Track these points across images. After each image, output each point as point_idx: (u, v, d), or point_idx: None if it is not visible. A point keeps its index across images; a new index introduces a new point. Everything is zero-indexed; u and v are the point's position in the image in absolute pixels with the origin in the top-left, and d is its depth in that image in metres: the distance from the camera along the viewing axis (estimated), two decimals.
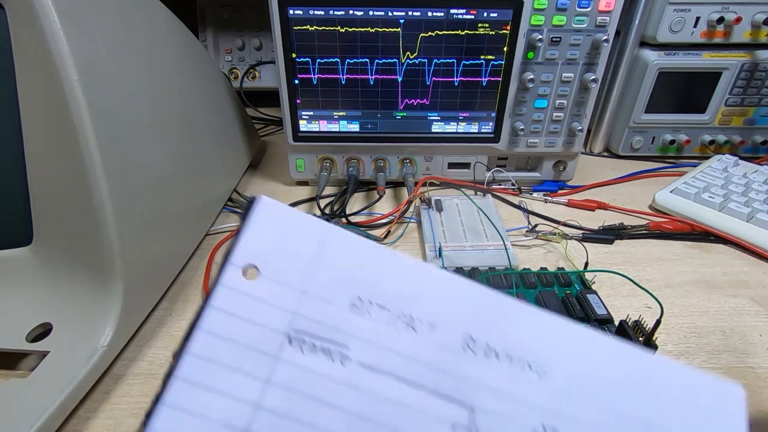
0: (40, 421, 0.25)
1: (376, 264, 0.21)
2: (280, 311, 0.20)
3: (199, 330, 0.19)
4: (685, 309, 0.39)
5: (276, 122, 0.74)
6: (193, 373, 0.18)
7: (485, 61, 0.49)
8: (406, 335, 0.20)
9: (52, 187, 0.31)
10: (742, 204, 0.49)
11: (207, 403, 0.18)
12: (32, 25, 0.28)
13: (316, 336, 0.20)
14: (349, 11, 0.46)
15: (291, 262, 0.20)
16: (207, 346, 0.19)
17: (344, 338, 0.20)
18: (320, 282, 0.20)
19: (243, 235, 0.20)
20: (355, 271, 0.21)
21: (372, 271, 0.21)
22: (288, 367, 0.19)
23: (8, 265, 0.32)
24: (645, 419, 0.20)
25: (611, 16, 0.47)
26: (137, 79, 0.36)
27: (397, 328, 0.21)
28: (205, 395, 0.18)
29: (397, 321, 0.21)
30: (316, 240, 0.21)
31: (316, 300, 0.20)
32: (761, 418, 0.30)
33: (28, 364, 0.32)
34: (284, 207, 0.21)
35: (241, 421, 0.18)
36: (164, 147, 0.38)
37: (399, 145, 0.54)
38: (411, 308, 0.21)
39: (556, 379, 0.21)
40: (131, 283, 0.32)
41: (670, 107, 0.61)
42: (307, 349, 0.19)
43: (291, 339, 0.20)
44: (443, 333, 0.21)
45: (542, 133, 0.53)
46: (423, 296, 0.21)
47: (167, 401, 0.18)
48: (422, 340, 0.20)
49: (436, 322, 0.21)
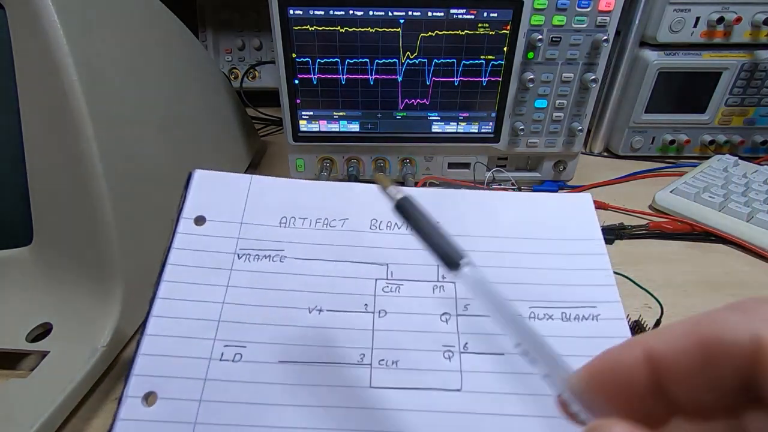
0: (40, 421, 0.25)
1: (292, 192, 0.30)
2: (226, 240, 0.28)
3: (167, 265, 0.27)
4: (685, 309, 0.38)
5: (276, 122, 0.74)
6: (169, 292, 0.26)
7: (485, 61, 0.49)
8: (326, 231, 0.29)
9: (52, 187, 0.31)
10: (742, 204, 0.49)
11: (185, 309, 0.26)
12: (32, 25, 0.28)
13: (257, 249, 0.28)
14: (349, 11, 0.46)
15: (228, 206, 0.29)
16: (174, 273, 0.27)
17: (279, 245, 0.28)
18: (252, 213, 0.29)
19: (188, 197, 0.29)
20: (276, 199, 0.29)
21: (290, 197, 0.30)
22: (241, 273, 0.27)
23: (8, 265, 0.32)
24: (519, 233, 0.29)
25: (611, 16, 0.47)
26: (137, 79, 0.36)
27: (317, 229, 0.29)
28: (181, 304, 0.26)
29: (317, 224, 0.29)
30: (244, 186, 0.30)
31: (252, 226, 0.29)
32: None
33: (28, 364, 0.32)
34: (214, 172, 0.30)
35: (214, 315, 0.26)
36: (164, 147, 0.38)
37: (399, 145, 0.54)
38: (324, 214, 0.29)
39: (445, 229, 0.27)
40: (131, 283, 0.32)
41: (670, 107, 0.61)
42: (252, 259, 0.28)
43: (240, 255, 0.28)
44: (353, 222, 0.29)
45: (542, 133, 0.53)
46: (329, 204, 0.30)
47: (153, 314, 0.25)
48: (338, 231, 0.29)
49: (345, 216, 0.29)
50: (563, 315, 0.27)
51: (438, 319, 0.27)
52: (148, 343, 0.25)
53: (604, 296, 0.28)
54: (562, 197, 0.32)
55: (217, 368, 0.24)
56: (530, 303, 0.27)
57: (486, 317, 0.25)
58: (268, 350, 0.25)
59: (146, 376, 0.24)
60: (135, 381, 0.24)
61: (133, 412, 0.23)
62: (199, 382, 0.24)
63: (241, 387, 0.24)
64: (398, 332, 0.26)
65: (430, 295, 0.27)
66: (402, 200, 0.20)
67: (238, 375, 0.24)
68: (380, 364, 0.25)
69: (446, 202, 0.30)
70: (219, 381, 0.24)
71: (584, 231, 0.30)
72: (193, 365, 0.24)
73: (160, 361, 0.24)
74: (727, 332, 0.12)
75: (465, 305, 0.27)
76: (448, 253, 0.19)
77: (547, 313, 0.27)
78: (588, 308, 0.27)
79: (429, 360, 0.25)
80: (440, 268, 0.27)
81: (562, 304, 0.27)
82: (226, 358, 0.25)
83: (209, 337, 0.25)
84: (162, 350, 0.24)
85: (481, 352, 0.25)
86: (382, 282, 0.28)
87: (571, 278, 0.28)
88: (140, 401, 0.23)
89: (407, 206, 0.20)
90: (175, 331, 0.25)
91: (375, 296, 0.27)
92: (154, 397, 0.23)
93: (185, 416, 0.23)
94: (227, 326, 0.26)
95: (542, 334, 0.17)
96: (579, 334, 0.26)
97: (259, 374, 0.24)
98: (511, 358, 0.25)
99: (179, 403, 0.23)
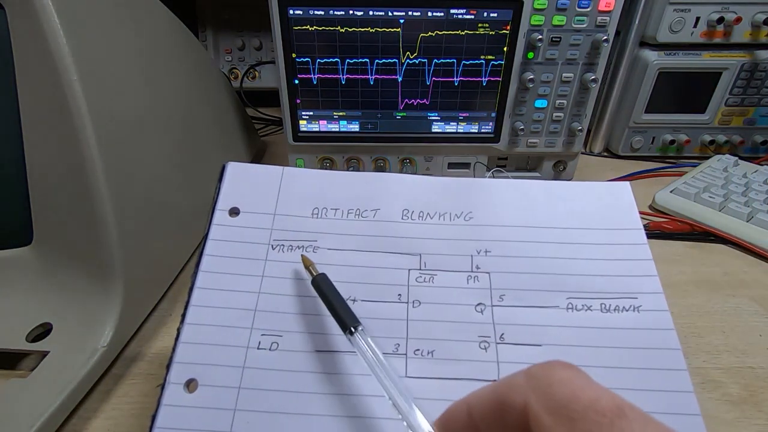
0: (40, 421, 0.25)
1: (324, 182, 0.30)
2: (260, 231, 0.29)
3: (204, 255, 0.27)
4: (685, 309, 0.38)
5: (276, 122, 0.74)
6: (206, 282, 0.27)
7: (485, 61, 0.49)
8: (357, 222, 0.29)
9: (52, 187, 0.31)
10: (742, 204, 0.49)
11: (222, 298, 0.26)
12: (32, 25, 0.28)
13: (291, 240, 0.28)
14: (349, 11, 0.46)
15: (261, 198, 0.29)
16: (210, 264, 0.27)
17: (312, 236, 0.29)
18: (285, 204, 0.29)
19: (222, 189, 0.29)
20: (308, 190, 0.30)
21: (321, 188, 0.30)
22: (275, 264, 0.28)
23: (8, 265, 0.32)
24: (557, 223, 0.29)
25: (611, 16, 0.47)
26: (137, 79, 0.36)
27: (349, 220, 0.29)
28: (219, 294, 0.26)
29: (349, 215, 0.29)
30: (276, 178, 0.30)
31: (285, 217, 0.29)
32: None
33: (28, 364, 0.32)
34: (247, 164, 0.30)
35: (251, 304, 0.26)
36: (164, 147, 0.38)
37: (399, 145, 0.54)
38: (356, 204, 0.30)
39: (478, 219, 0.29)
40: (131, 283, 0.32)
41: (670, 107, 0.61)
42: (286, 250, 0.28)
43: (273, 246, 0.28)
44: (384, 212, 0.29)
45: (542, 133, 0.53)
46: (360, 194, 0.30)
47: (192, 303, 0.26)
48: (370, 221, 0.29)
49: (377, 206, 0.30)
50: (602, 306, 0.26)
51: (473, 310, 0.26)
52: (188, 332, 0.25)
53: (646, 287, 0.27)
54: (599, 185, 0.31)
55: (255, 356, 0.25)
56: (568, 294, 0.27)
57: (522, 308, 0.26)
58: (304, 339, 0.25)
59: (187, 363, 0.24)
60: (176, 368, 0.24)
61: (175, 398, 0.23)
62: (237, 369, 0.24)
63: (278, 375, 0.24)
64: (433, 322, 0.26)
65: (464, 285, 0.27)
66: (318, 277, 0.25)
67: (275, 363, 0.25)
68: (416, 354, 0.25)
69: (478, 192, 0.30)
70: (257, 369, 0.24)
71: (623, 220, 0.29)
72: (232, 353, 0.25)
73: (200, 349, 0.25)
74: (510, 397, 0.15)
75: (500, 296, 0.27)
76: (345, 319, 0.23)
77: (585, 304, 0.26)
78: (629, 299, 0.26)
79: (465, 350, 0.25)
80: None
81: (601, 295, 0.26)
82: (263, 347, 0.25)
83: (246, 326, 0.26)
84: (201, 339, 0.25)
85: (518, 343, 0.25)
86: (416, 272, 0.28)
87: (610, 268, 0.27)
88: (182, 388, 0.24)
89: (321, 282, 0.25)
90: (213, 320, 0.26)
91: (408, 286, 0.27)
92: (195, 384, 0.24)
93: (225, 403, 0.23)
94: (264, 315, 0.26)
95: (411, 397, 0.19)
96: (619, 326, 0.25)
97: (296, 363, 0.25)
98: (548, 349, 0.25)
99: (219, 390, 0.24)
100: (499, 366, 0.25)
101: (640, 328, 0.25)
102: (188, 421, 0.23)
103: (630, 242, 0.28)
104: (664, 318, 0.26)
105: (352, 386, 0.24)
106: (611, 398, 0.13)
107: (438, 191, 0.30)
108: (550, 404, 0.14)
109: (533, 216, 0.29)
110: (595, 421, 0.13)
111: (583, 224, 0.29)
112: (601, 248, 0.28)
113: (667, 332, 0.25)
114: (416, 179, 0.31)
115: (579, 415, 0.13)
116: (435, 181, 0.31)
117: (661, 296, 0.26)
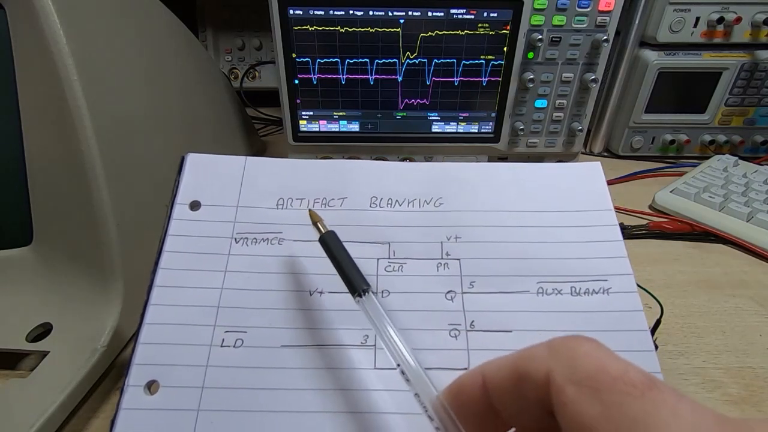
0: (40, 421, 0.25)
1: (288, 172, 0.29)
2: (222, 224, 0.27)
3: (163, 252, 0.26)
4: (685, 309, 0.38)
5: (276, 122, 0.74)
6: (166, 280, 0.26)
7: (485, 61, 0.49)
8: (324, 212, 0.27)
9: (52, 187, 0.31)
10: (742, 204, 0.49)
11: (183, 296, 0.25)
12: (32, 25, 0.28)
13: (255, 232, 0.27)
14: (349, 11, 0.46)
15: (223, 190, 0.28)
16: (170, 261, 0.26)
17: (277, 228, 0.27)
18: (248, 196, 0.28)
19: (181, 182, 0.28)
20: (272, 180, 0.29)
21: (286, 177, 0.29)
22: (239, 258, 0.27)
23: (8, 265, 0.32)
24: (527, 206, 0.28)
25: (611, 16, 0.47)
26: (137, 79, 0.36)
27: (316, 210, 0.27)
28: (179, 291, 0.25)
29: (315, 204, 0.28)
30: (239, 169, 0.29)
31: (248, 209, 0.28)
32: (761, 418, 0.30)
33: (28, 364, 0.32)
34: (208, 155, 0.29)
35: (213, 301, 0.25)
36: (164, 147, 0.38)
37: (399, 145, 0.54)
38: (322, 194, 0.28)
39: (448, 204, 0.28)
40: (131, 283, 0.32)
41: (670, 107, 0.61)
42: (250, 243, 0.27)
43: (237, 240, 0.27)
44: (351, 201, 0.28)
45: (542, 133, 0.53)
46: (327, 183, 0.29)
47: (151, 302, 0.25)
48: (337, 210, 0.28)
49: (344, 195, 0.28)
50: (572, 289, 0.26)
51: (443, 298, 0.26)
52: (148, 332, 0.24)
53: (616, 269, 0.26)
54: (569, 166, 0.30)
55: (219, 355, 0.24)
56: (538, 278, 0.26)
57: (492, 294, 0.26)
58: (269, 335, 0.25)
59: (147, 365, 0.24)
60: (136, 370, 0.23)
61: (135, 401, 0.23)
62: (200, 369, 0.24)
63: (243, 373, 0.24)
64: (402, 312, 0.26)
65: (434, 273, 0.27)
66: (326, 234, 0.24)
67: (240, 361, 0.24)
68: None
69: (449, 177, 0.29)
70: (221, 367, 0.24)
71: (594, 201, 0.28)
72: (194, 352, 0.24)
73: (161, 350, 0.24)
74: (531, 367, 0.15)
75: (471, 282, 0.26)
76: (354, 281, 0.22)
77: (556, 288, 0.26)
78: (599, 281, 0.26)
79: (435, 339, 0.25)
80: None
81: (571, 279, 0.26)
82: (227, 344, 0.24)
83: (209, 323, 0.25)
84: (162, 338, 0.24)
85: (488, 330, 0.25)
86: (384, 261, 0.27)
87: (580, 251, 0.27)
88: (142, 390, 0.23)
89: (329, 240, 0.24)
90: (174, 319, 0.25)
91: (377, 276, 0.27)
92: (157, 385, 0.23)
93: (188, 403, 0.23)
94: (227, 312, 0.25)
95: (421, 367, 0.19)
96: (589, 309, 0.25)
97: (262, 359, 0.24)
98: (519, 335, 0.25)
99: (181, 391, 0.23)
100: (470, 354, 0.24)
101: (609, 311, 0.25)
102: (149, 423, 0.22)
103: (600, 223, 0.28)
104: (633, 300, 0.25)
105: (321, 381, 0.24)
106: (640, 371, 0.13)
107: (407, 177, 0.29)
108: (575, 376, 0.13)
109: (504, 200, 0.28)
110: (625, 392, 0.12)
111: (553, 207, 0.28)
112: (571, 231, 0.27)
113: (635, 314, 0.25)
114: (384, 165, 0.30)
115: (606, 386, 0.13)
116: (404, 167, 0.30)
117: (630, 277, 0.26)
